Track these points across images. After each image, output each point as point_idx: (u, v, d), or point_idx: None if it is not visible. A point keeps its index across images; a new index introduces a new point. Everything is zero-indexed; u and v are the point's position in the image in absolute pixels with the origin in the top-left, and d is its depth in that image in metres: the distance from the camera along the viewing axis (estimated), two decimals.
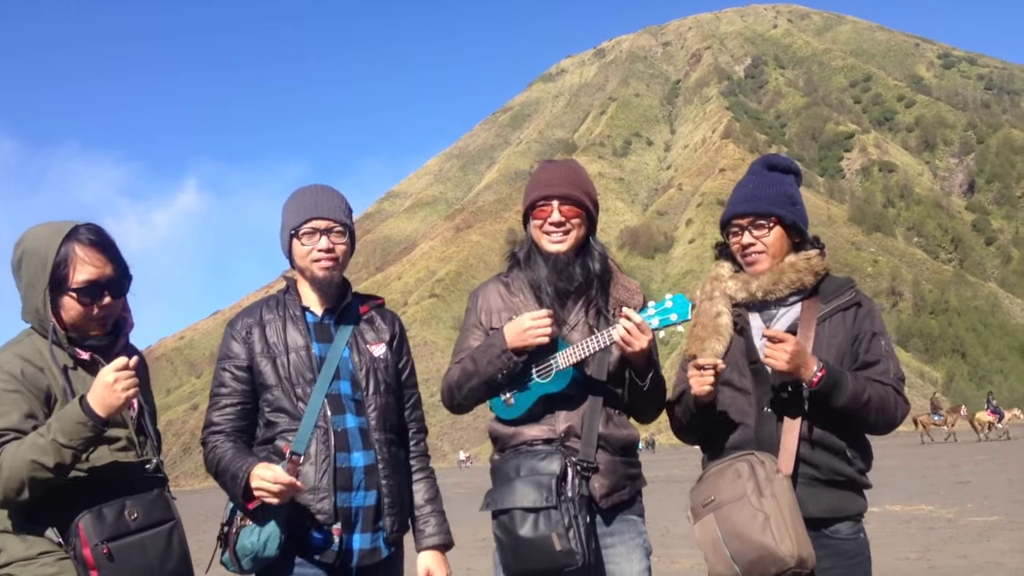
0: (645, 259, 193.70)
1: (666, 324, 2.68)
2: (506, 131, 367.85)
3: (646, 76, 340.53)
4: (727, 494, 2.62)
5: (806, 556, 2.48)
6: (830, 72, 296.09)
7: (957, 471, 20.88)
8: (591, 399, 2.79)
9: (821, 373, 2.60)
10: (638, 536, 2.83)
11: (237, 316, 2.90)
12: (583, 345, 2.72)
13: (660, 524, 13.62)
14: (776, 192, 2.86)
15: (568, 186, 2.87)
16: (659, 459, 50.26)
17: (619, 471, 2.79)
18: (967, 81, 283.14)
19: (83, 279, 2.43)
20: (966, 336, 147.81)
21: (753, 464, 2.62)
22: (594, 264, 2.89)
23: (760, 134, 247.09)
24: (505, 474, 2.72)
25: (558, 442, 2.74)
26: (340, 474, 2.67)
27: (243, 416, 2.77)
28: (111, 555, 2.28)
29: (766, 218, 2.82)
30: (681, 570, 9.42)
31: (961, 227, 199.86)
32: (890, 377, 2.73)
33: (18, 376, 2.34)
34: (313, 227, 2.77)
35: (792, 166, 2.99)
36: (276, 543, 2.56)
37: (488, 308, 2.95)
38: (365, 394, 2.79)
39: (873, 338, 2.78)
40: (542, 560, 2.57)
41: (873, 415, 2.67)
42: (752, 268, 2.85)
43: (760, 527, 2.50)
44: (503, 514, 2.65)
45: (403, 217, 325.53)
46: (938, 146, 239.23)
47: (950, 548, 9.39)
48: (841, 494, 2.73)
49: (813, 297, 2.82)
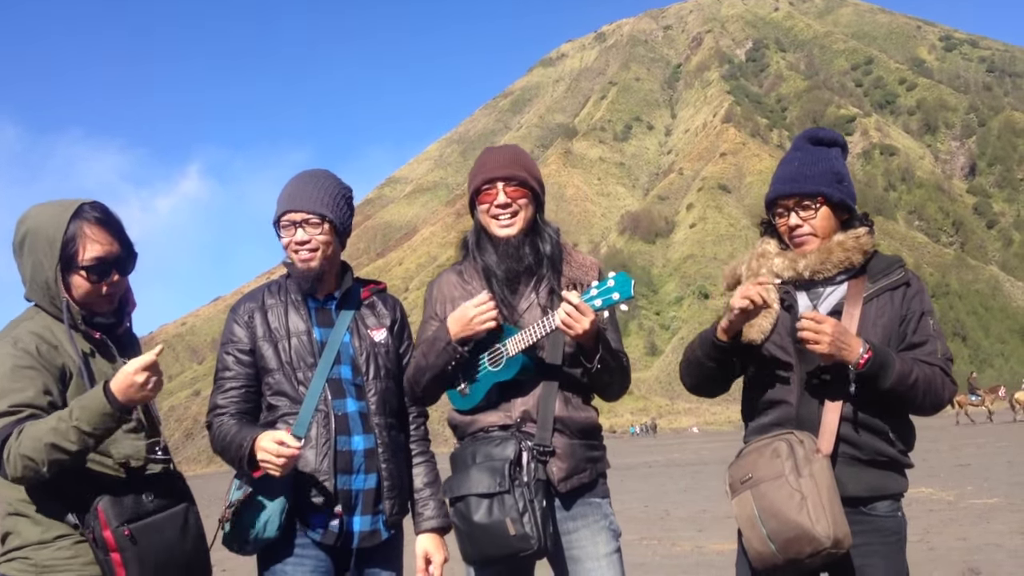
0: (646, 244, 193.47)
1: (609, 304, 2.64)
2: (506, 116, 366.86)
3: (647, 60, 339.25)
4: (765, 472, 2.60)
5: (842, 537, 2.47)
6: (831, 55, 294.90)
7: (957, 454, 20.94)
8: (545, 383, 2.77)
9: (868, 355, 2.56)
10: (603, 519, 2.80)
11: (240, 301, 2.92)
12: (530, 331, 2.70)
13: (660, 507, 13.67)
14: (822, 169, 2.76)
15: (511, 167, 2.85)
16: (659, 443, 50.42)
17: (578, 454, 2.77)
18: (969, 64, 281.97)
19: (92, 257, 2.43)
20: (967, 319, 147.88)
21: (792, 443, 2.60)
22: (544, 245, 2.87)
23: (761, 118, 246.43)
24: (462, 461, 2.73)
25: (514, 427, 2.74)
26: (340, 457, 2.69)
27: (247, 399, 2.79)
28: (132, 536, 2.29)
29: (812, 198, 2.74)
30: (681, 553, 9.46)
31: (962, 210, 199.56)
32: (937, 357, 2.68)
33: (33, 353, 2.35)
34: (289, 219, 2.80)
35: (838, 139, 2.90)
36: (276, 524, 2.59)
37: (443, 298, 2.94)
38: (365, 379, 2.81)
39: (921, 318, 2.73)
40: (497, 546, 2.57)
41: (920, 396, 2.63)
42: (800, 250, 2.78)
43: (797, 507, 2.49)
44: (459, 501, 2.65)
45: (404, 203, 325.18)
46: (940, 129, 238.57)
47: (950, 530, 9.43)
48: (882, 473, 2.69)
49: (860, 276, 2.76)
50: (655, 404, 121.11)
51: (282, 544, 2.66)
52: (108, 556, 2.28)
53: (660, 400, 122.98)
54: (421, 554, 2.89)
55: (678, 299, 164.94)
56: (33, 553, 2.34)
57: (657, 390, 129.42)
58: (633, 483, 20.38)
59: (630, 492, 17.41)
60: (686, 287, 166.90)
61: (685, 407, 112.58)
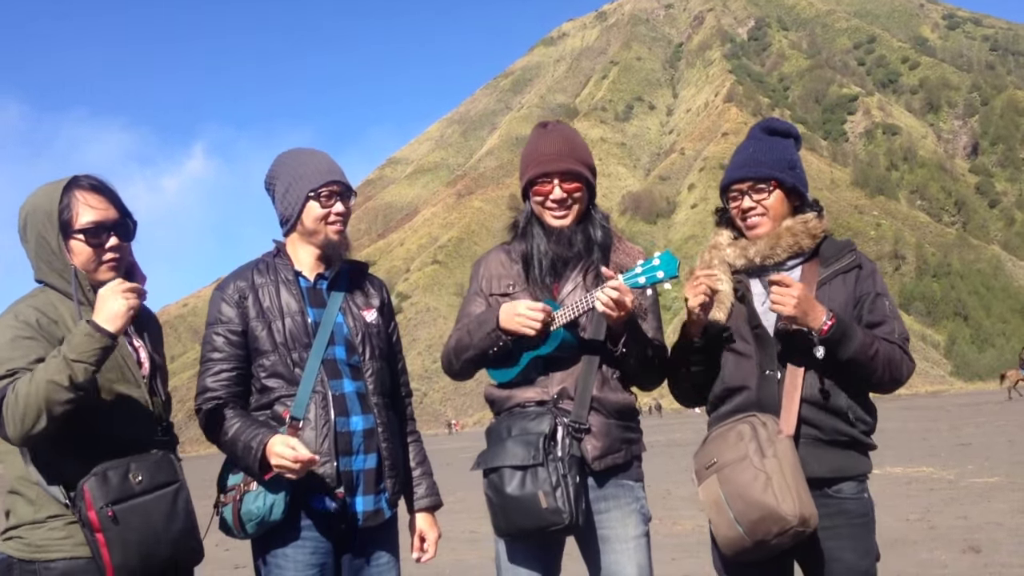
0: (647, 224, 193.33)
1: (653, 281, 2.65)
2: (507, 96, 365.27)
3: (648, 39, 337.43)
4: (729, 456, 2.63)
5: (808, 515, 2.48)
6: (834, 34, 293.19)
7: (958, 433, 20.98)
8: (586, 361, 2.77)
9: (831, 322, 2.59)
10: (635, 501, 2.80)
11: (226, 280, 2.84)
12: (571, 306, 2.72)
13: (662, 487, 13.72)
14: (776, 156, 2.84)
15: (569, 160, 2.83)
16: (663, 423, 50.55)
17: (613, 434, 2.76)
18: (972, 42, 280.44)
19: (87, 220, 2.45)
20: (968, 299, 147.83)
21: (755, 425, 2.63)
22: (595, 232, 2.88)
23: (763, 97, 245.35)
24: (498, 434, 2.75)
25: (551, 403, 2.74)
26: (340, 438, 2.67)
27: (238, 381, 2.74)
28: (115, 518, 2.28)
29: (766, 182, 2.80)
30: (683, 531, 9.52)
31: (965, 190, 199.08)
32: (895, 336, 2.71)
33: (33, 324, 2.37)
34: (332, 190, 2.77)
35: (792, 130, 2.96)
36: (282, 507, 2.57)
37: (489, 275, 2.96)
38: (362, 359, 2.79)
39: (876, 299, 2.76)
40: (529, 518, 2.58)
41: (881, 369, 2.66)
42: (753, 232, 2.84)
43: (762, 487, 2.51)
44: (493, 472, 2.66)
45: (405, 184, 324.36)
46: (942, 108, 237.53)
47: (950, 509, 9.47)
48: (844, 454, 2.71)
49: (812, 260, 2.81)
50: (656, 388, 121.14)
51: (282, 527, 2.63)
52: (94, 536, 2.28)
53: None
54: (417, 533, 2.91)
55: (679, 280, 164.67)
56: (27, 532, 2.35)
57: None
58: None
59: None
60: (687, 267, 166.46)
61: None
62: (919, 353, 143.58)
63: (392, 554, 2.84)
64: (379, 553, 2.79)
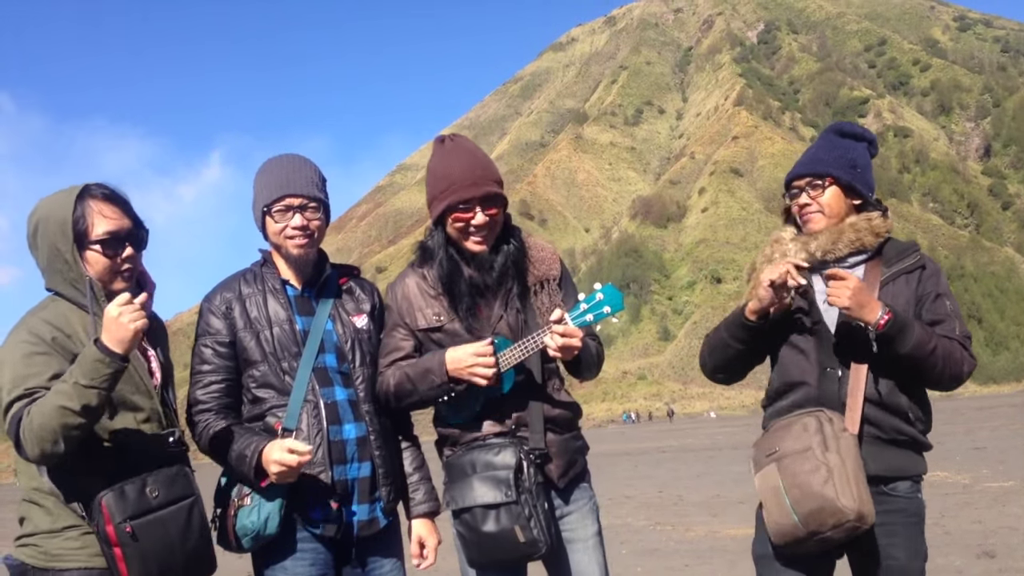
0: (658, 229, 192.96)
1: (600, 318, 2.65)
2: (517, 102, 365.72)
3: (657, 43, 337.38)
4: (792, 446, 2.65)
5: (866, 512, 2.50)
6: (844, 36, 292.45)
7: (973, 437, 20.89)
8: (534, 388, 2.76)
9: (888, 316, 2.60)
10: (589, 500, 2.86)
11: (214, 291, 2.81)
12: (520, 347, 2.67)
13: (674, 492, 13.69)
14: (837, 155, 2.85)
15: (486, 183, 2.73)
16: (675, 428, 50.44)
17: (569, 448, 2.80)
18: (983, 44, 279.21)
19: (103, 231, 2.43)
20: (982, 302, 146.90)
21: (822, 420, 2.64)
22: (510, 246, 2.82)
23: (773, 100, 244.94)
24: (461, 470, 2.69)
25: (509, 434, 2.73)
26: (334, 447, 2.65)
27: (228, 393, 2.72)
28: (134, 533, 2.30)
29: (822, 178, 2.83)
30: (695, 538, 9.48)
31: (977, 192, 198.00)
32: (956, 334, 2.71)
33: (47, 339, 2.36)
34: (287, 204, 2.70)
35: (866, 135, 2.94)
36: (277, 520, 2.56)
37: (409, 306, 2.84)
38: (352, 366, 2.77)
39: (937, 299, 2.77)
40: (506, 552, 2.60)
41: (940, 365, 2.65)
42: (808, 227, 2.86)
43: (822, 479, 2.53)
44: (464, 512, 2.63)
45: (415, 190, 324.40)
46: (954, 110, 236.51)
47: (965, 514, 9.43)
48: (903, 453, 2.73)
49: (876, 260, 2.82)
50: (668, 389, 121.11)
51: (280, 540, 2.61)
52: (111, 550, 2.30)
53: (673, 385, 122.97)
54: (415, 539, 2.88)
55: (690, 284, 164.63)
56: (43, 541, 2.37)
57: (670, 375, 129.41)
58: (647, 469, 20.43)
59: (644, 478, 17.45)
60: (698, 272, 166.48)
61: (698, 392, 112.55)
62: None
63: (396, 559, 2.82)
64: (381, 561, 2.77)
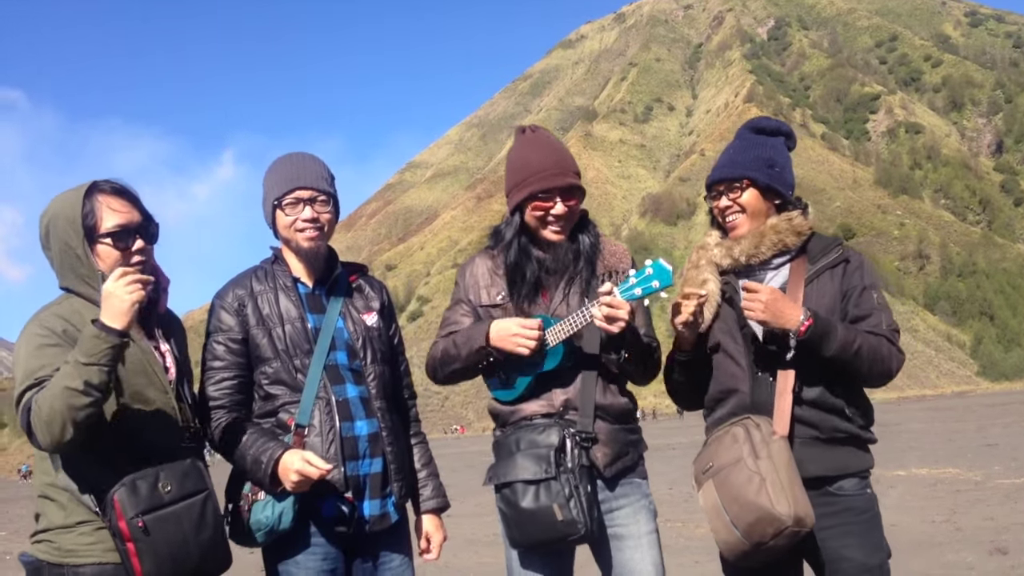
0: (667, 226, 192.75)
1: (649, 292, 2.66)
2: (526, 99, 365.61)
3: (667, 40, 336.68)
4: (725, 459, 2.64)
5: (803, 515, 2.47)
6: (855, 32, 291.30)
7: (984, 434, 20.79)
8: (585, 372, 2.80)
9: (808, 323, 2.59)
10: (643, 498, 2.84)
11: (225, 288, 2.83)
12: (569, 322, 2.72)
13: (684, 490, 13.67)
14: (752, 156, 2.85)
15: (567, 175, 2.83)
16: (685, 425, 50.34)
17: (620, 439, 2.81)
18: (995, 39, 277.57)
19: (113, 224, 2.45)
20: (994, 298, 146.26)
21: (749, 428, 2.64)
22: (585, 240, 2.89)
23: (784, 97, 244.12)
24: (507, 448, 2.76)
25: (556, 416, 2.77)
26: (346, 443, 2.68)
27: (240, 389, 2.74)
28: (146, 528, 2.31)
29: (739, 181, 2.83)
30: (705, 535, 9.46)
31: (989, 188, 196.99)
32: (883, 328, 2.70)
33: (58, 332, 2.38)
34: (296, 197, 2.75)
35: (782, 128, 2.95)
36: (290, 516, 2.58)
37: (476, 284, 2.96)
38: (363, 363, 2.80)
39: (863, 292, 2.75)
40: (545, 530, 2.60)
41: (866, 365, 2.65)
42: (733, 232, 2.86)
43: (756, 489, 2.51)
44: (505, 487, 2.68)
45: (424, 187, 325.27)
46: (965, 106, 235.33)
47: (976, 511, 9.39)
48: (844, 451, 2.71)
49: (800, 258, 2.82)
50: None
51: (292, 535, 2.64)
52: (124, 545, 2.31)
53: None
54: (423, 535, 2.93)
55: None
56: (57, 537, 2.39)
57: None
58: (658, 465, 20.37)
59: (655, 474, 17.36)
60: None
61: None
62: (945, 353, 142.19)
63: (405, 555, 2.84)
64: (391, 556, 2.80)
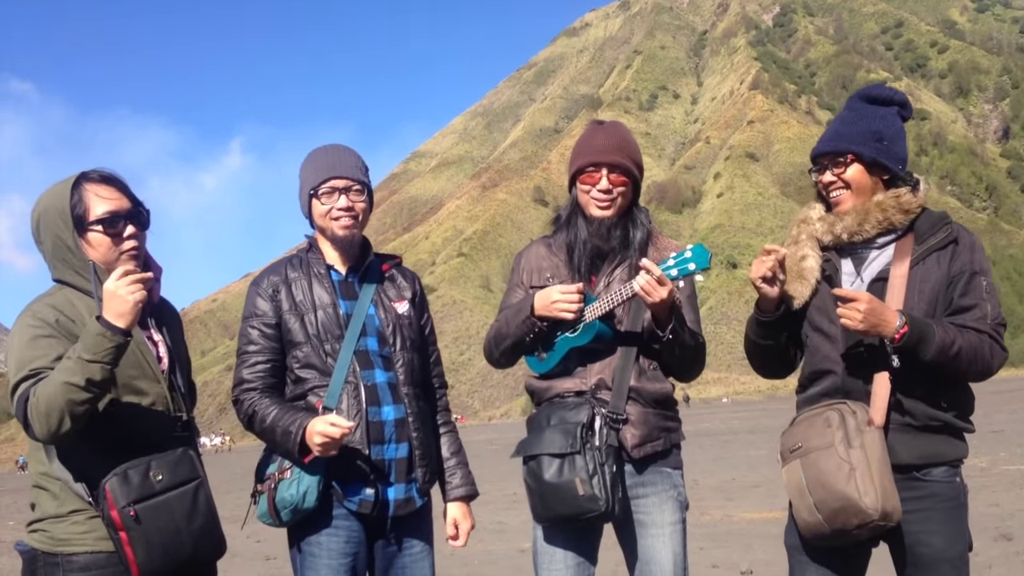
0: (673, 214, 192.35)
1: (685, 273, 2.67)
2: (531, 88, 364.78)
3: (672, 28, 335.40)
4: (815, 442, 2.57)
5: (891, 510, 2.42)
6: (860, 18, 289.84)
7: (990, 420, 20.79)
8: (623, 352, 2.83)
9: (904, 330, 2.47)
10: (672, 488, 2.86)
11: (262, 274, 2.93)
12: (607, 297, 2.77)
13: (690, 477, 13.68)
14: (860, 128, 2.72)
15: (618, 154, 2.88)
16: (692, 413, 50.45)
17: (651, 423, 2.81)
18: (1001, 25, 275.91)
19: (102, 211, 2.46)
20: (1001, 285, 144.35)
21: (844, 414, 2.55)
22: (635, 231, 2.93)
23: (789, 84, 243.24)
24: (538, 423, 2.83)
25: (588, 394, 2.80)
26: (372, 428, 2.73)
27: (273, 373, 2.82)
28: (138, 517, 2.33)
29: (843, 155, 2.70)
30: (710, 521, 9.52)
31: (996, 174, 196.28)
32: (986, 323, 2.57)
33: (51, 322, 2.39)
34: (332, 186, 2.82)
35: (895, 97, 2.81)
36: (315, 495, 2.64)
37: (530, 267, 3.03)
38: (393, 350, 2.86)
39: (971, 278, 2.60)
40: (566, 505, 2.64)
41: (964, 365, 2.54)
42: (837, 208, 2.74)
43: (845, 478, 2.46)
44: (531, 460, 2.74)
45: (429, 177, 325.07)
46: (972, 92, 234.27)
47: (983, 496, 9.44)
48: (937, 439, 2.61)
49: (907, 237, 2.66)
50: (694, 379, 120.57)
51: (316, 516, 2.69)
52: (117, 534, 2.33)
53: None
54: (451, 522, 2.97)
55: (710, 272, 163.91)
56: (50, 526, 2.40)
57: None
58: None
59: None
60: (714, 257, 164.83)
61: (714, 377, 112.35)
62: None
63: (425, 543, 2.88)
64: (412, 542, 2.84)
